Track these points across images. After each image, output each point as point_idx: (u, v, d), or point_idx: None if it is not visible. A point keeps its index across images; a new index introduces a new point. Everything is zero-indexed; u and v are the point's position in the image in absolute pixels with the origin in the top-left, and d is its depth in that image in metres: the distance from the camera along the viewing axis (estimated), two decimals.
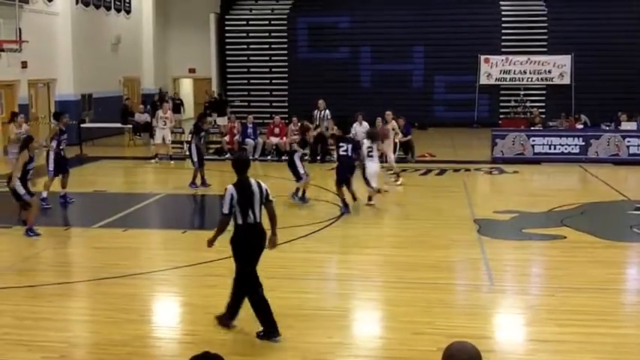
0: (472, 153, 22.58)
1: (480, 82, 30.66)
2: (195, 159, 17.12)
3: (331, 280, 10.40)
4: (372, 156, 14.92)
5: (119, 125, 26.46)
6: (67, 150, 16.17)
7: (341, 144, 14.70)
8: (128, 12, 31.20)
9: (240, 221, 7.60)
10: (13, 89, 23.34)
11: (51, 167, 14.77)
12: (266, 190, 7.75)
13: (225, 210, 7.59)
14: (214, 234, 7.82)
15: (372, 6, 32.07)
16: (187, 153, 18.75)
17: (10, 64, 22.10)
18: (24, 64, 23.08)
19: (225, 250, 9.95)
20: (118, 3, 30.30)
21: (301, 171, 15.15)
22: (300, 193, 15.24)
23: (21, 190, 12.58)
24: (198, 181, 17.15)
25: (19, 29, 19.98)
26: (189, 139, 18.63)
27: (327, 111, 21.66)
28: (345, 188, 14.41)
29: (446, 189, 17.28)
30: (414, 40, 31.17)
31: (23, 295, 9.25)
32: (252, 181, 7.76)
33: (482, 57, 30.54)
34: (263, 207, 7.73)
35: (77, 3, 26.45)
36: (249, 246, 7.64)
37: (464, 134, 28.09)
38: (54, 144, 14.91)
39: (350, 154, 14.45)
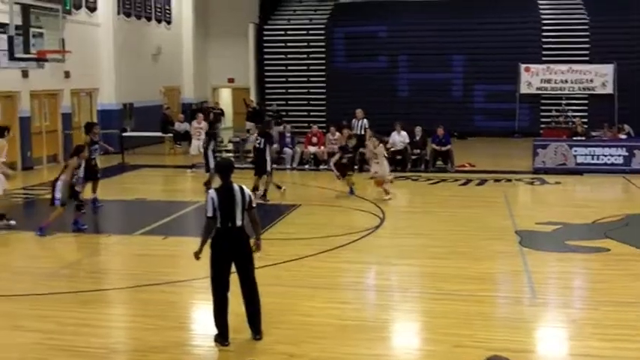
0: (513, 163, 22.33)
1: (521, 92, 30.35)
2: (212, 165, 17.53)
3: (370, 291, 10.34)
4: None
5: (159, 134, 26.72)
6: (109, 158, 16.37)
7: None
8: (169, 22, 31.53)
9: (219, 225, 7.68)
10: (56, 99, 23.70)
11: (81, 174, 14.81)
12: (249, 197, 7.82)
13: (209, 213, 7.67)
14: (201, 241, 7.87)
15: (410, 15, 31.99)
16: (203, 160, 18.82)
17: (54, 74, 22.45)
18: (67, 74, 23.44)
19: (267, 257, 10.01)
20: (159, 14, 30.64)
21: (268, 168, 16.25)
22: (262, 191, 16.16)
23: (57, 193, 12.92)
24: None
25: (63, 40, 20.25)
26: (205, 146, 18.95)
27: (365, 120, 21.59)
28: None
29: (486, 200, 17.11)
30: (454, 48, 30.99)
31: (66, 301, 9.34)
32: (236, 186, 7.82)
33: (523, 66, 30.24)
34: (245, 213, 7.77)
35: (119, 14, 26.81)
36: (224, 249, 7.67)
37: (504, 144, 27.84)
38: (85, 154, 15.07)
39: None
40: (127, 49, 27.00)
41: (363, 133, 20.97)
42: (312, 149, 22.49)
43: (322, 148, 22.14)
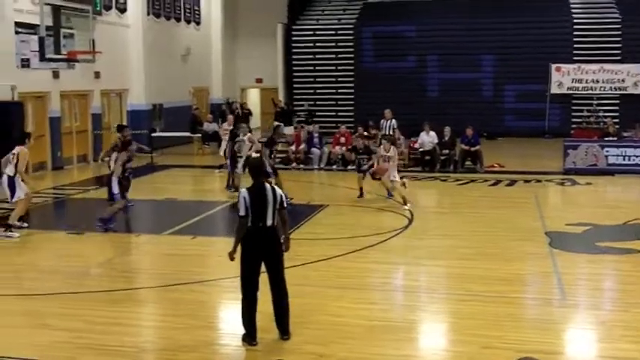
0: (543, 164, 22.12)
1: (551, 91, 30.07)
2: (229, 162, 17.99)
3: (398, 292, 10.31)
4: None
5: (188, 134, 26.88)
6: (139, 158, 16.47)
7: None
8: (198, 23, 31.71)
9: (250, 224, 7.69)
10: (86, 99, 23.92)
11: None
12: (280, 197, 7.82)
13: (242, 212, 7.68)
14: (234, 241, 7.85)
15: (439, 14, 31.85)
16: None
17: (84, 75, 22.68)
18: (97, 75, 23.66)
19: (295, 258, 10.00)
20: (188, 14, 30.82)
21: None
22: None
23: (114, 189, 13.37)
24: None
25: (93, 40, 20.47)
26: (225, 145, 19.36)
27: (394, 120, 21.56)
28: None
29: (516, 200, 16.98)
30: (483, 48, 30.79)
31: (95, 300, 9.42)
32: (267, 186, 7.86)
33: (554, 65, 29.94)
34: (277, 213, 7.79)
35: (148, 14, 27.01)
36: (255, 249, 7.69)
37: (534, 144, 27.60)
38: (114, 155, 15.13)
39: None
40: (156, 50, 27.19)
41: (391, 133, 20.92)
42: (339, 149, 22.47)
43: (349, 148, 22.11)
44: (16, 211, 13.21)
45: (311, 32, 33.18)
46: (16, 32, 19.87)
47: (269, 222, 7.71)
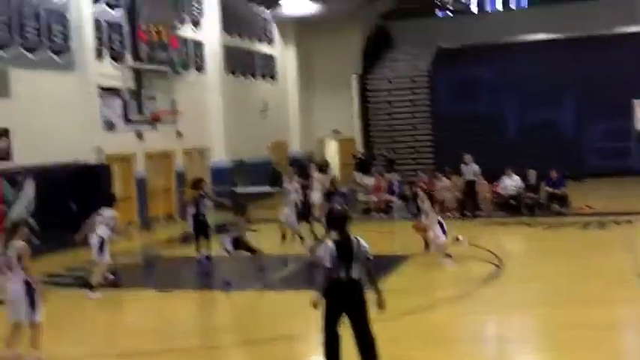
0: (634, 204, 21.39)
1: (637, 128, 29.25)
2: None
3: (489, 342, 10.02)
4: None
5: (269, 189, 27.07)
6: (223, 214, 16.58)
7: None
8: (274, 78, 32.22)
9: (334, 275, 7.58)
10: (170, 158, 24.44)
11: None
12: (364, 248, 7.67)
13: (328, 264, 7.58)
14: (319, 290, 7.73)
15: (515, 55, 31.65)
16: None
17: (167, 134, 23.22)
18: (179, 134, 24.19)
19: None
20: (264, 70, 31.36)
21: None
22: None
23: (227, 245, 13.58)
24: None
25: (174, 101, 20.98)
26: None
27: (475, 165, 21.22)
28: None
29: (606, 243, 16.45)
30: (563, 87, 30.34)
31: (199, 356, 9.52)
32: (352, 237, 7.72)
33: (637, 102, 29.19)
34: (361, 265, 7.63)
35: (226, 73, 27.57)
36: (338, 301, 7.58)
37: (621, 184, 26.84)
38: (191, 209, 15.51)
39: None
40: (235, 107, 27.69)
41: (473, 179, 20.68)
42: None
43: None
44: (97, 272, 13.32)
45: (386, 81, 33.32)
46: (100, 96, 20.57)
47: (353, 274, 7.60)
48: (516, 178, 21.45)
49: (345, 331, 7.68)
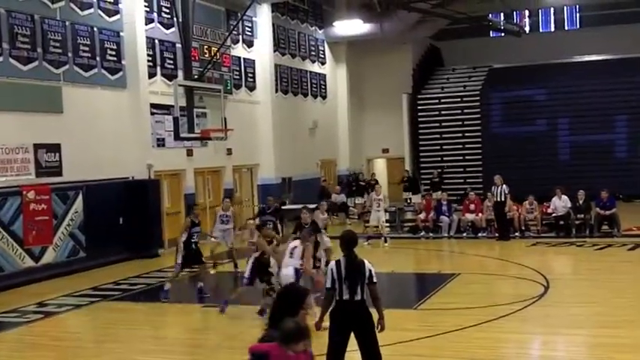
0: None
1: None
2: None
3: None
4: None
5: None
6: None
7: None
8: (324, 97, 32.39)
9: (337, 297, 7.55)
10: (219, 175, 24.71)
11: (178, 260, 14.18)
12: (369, 271, 7.59)
13: (328, 284, 7.58)
14: (321, 311, 7.79)
15: (568, 76, 31.32)
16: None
17: (217, 152, 23.46)
18: (229, 151, 24.44)
19: (427, 328, 9.77)
20: (315, 90, 31.56)
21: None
22: None
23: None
24: None
25: (224, 118, 21.18)
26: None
27: (505, 186, 20.89)
28: None
29: None
30: (616, 108, 29.90)
31: None
32: (359, 259, 7.65)
33: None
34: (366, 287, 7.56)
35: (277, 92, 27.82)
36: (342, 323, 7.51)
37: None
38: (184, 236, 14.17)
39: None
40: (284, 125, 27.89)
41: (503, 199, 20.48)
42: (469, 217, 22.10)
43: (480, 215, 21.74)
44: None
45: (436, 100, 33.25)
46: (152, 113, 20.92)
47: (357, 296, 7.52)
48: (565, 198, 21.16)
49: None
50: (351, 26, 31.19)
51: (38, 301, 14.24)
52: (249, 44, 26.36)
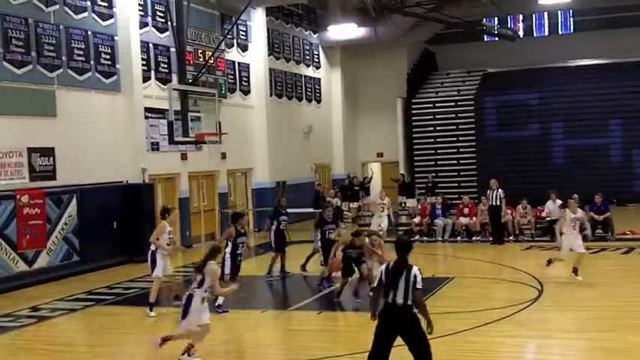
0: None
1: None
2: (274, 245, 16.75)
3: None
4: None
5: (311, 210, 27.13)
6: (264, 235, 16.60)
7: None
8: (319, 102, 32.40)
9: (385, 299, 7.73)
10: (213, 179, 24.69)
11: (227, 271, 13.16)
12: (414, 277, 7.68)
13: (374, 283, 7.87)
14: (372, 306, 8.11)
15: (562, 81, 31.38)
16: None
17: (211, 156, 23.45)
18: (223, 155, 24.41)
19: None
20: (309, 94, 31.57)
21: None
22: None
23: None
24: (276, 270, 16.62)
25: (219, 122, 21.17)
26: (269, 225, 17.43)
27: (501, 190, 20.93)
28: None
29: None
30: (610, 112, 29.98)
31: None
32: (409, 265, 7.78)
33: None
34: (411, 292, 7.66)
35: (271, 96, 27.83)
36: (386, 325, 7.68)
37: None
38: (229, 248, 13.45)
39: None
40: (279, 129, 27.89)
41: (498, 204, 20.52)
42: (463, 220, 22.13)
43: (474, 219, 21.77)
44: (152, 288, 13.12)
45: (430, 105, 33.29)
46: (146, 117, 20.89)
47: (399, 300, 7.62)
48: (559, 202, 21.14)
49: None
50: (345, 30, 31.21)
51: (32, 305, 14.22)
52: (244, 48, 26.37)
